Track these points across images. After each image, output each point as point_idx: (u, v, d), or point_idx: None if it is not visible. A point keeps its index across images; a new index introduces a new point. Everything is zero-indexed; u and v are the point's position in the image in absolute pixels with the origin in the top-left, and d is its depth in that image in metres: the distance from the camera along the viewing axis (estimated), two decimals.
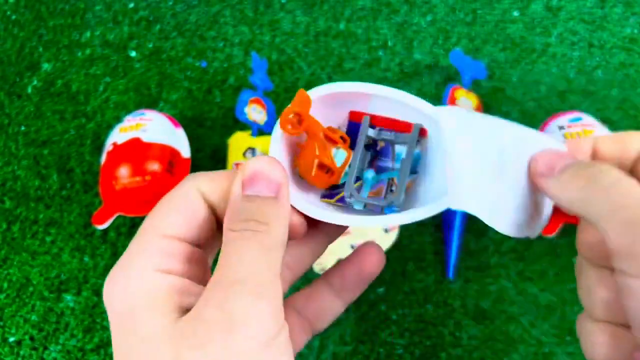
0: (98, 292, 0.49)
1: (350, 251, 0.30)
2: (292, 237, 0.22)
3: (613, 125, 0.53)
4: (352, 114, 0.28)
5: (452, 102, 0.51)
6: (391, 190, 0.27)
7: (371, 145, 0.28)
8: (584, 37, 0.59)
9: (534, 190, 0.24)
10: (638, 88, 0.55)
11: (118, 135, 0.49)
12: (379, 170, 0.28)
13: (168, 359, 0.17)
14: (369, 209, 0.27)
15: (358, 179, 0.27)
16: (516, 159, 0.24)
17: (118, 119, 0.57)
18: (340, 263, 0.27)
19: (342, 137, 0.27)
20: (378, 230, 0.46)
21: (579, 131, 0.46)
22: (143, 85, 0.59)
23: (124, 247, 0.53)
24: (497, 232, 0.52)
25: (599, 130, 0.46)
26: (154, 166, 0.47)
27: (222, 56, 0.61)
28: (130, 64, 0.61)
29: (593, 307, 0.22)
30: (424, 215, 0.25)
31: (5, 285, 0.50)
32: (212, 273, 0.20)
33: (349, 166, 0.27)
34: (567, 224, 0.48)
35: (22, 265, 0.51)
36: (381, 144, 0.28)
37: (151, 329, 0.18)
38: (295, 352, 0.22)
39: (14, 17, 0.65)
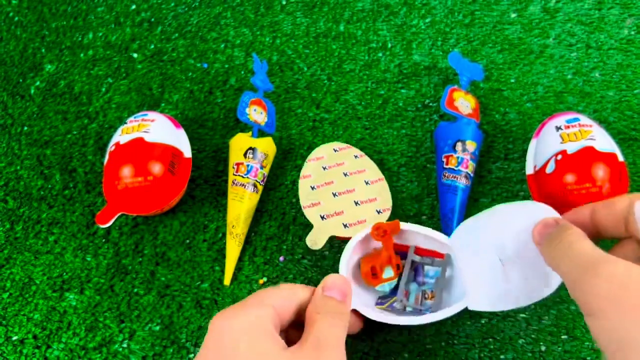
0: (100, 291, 0.50)
1: (342, 230, 0.45)
2: (350, 331, 0.34)
3: (610, 126, 0.53)
4: (400, 246, 0.46)
5: (451, 103, 0.51)
6: (424, 298, 0.44)
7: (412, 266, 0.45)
8: (581, 38, 0.59)
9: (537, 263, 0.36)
10: (635, 89, 0.56)
11: (120, 136, 0.50)
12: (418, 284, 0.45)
13: None
14: (411, 312, 0.43)
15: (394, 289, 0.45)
16: (522, 247, 0.37)
17: (120, 120, 0.58)
18: None
19: (397, 265, 0.44)
20: (371, 211, 0.47)
21: (576, 131, 0.46)
22: (145, 86, 0.60)
23: (126, 246, 0.54)
24: None
25: (595, 131, 0.46)
26: (156, 166, 0.48)
27: (223, 57, 0.61)
28: (132, 65, 0.61)
29: None
30: (450, 313, 0.40)
31: (9, 284, 0.51)
32: None
33: (400, 279, 0.44)
34: None
35: (25, 264, 0.52)
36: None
37: (267, 347, 0.29)
38: None
39: (16, 18, 0.66)
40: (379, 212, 0.47)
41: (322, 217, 0.46)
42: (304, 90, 0.58)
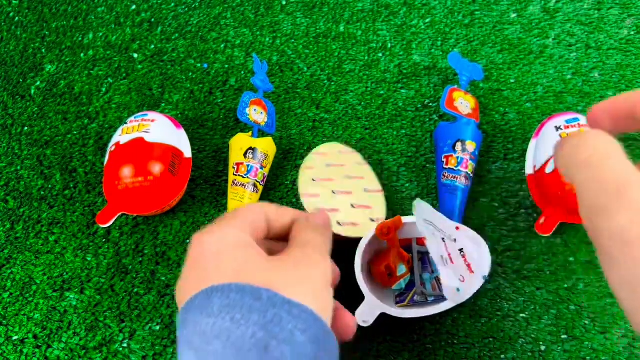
0: (101, 291, 0.50)
1: (337, 227, 0.47)
2: (345, 337, 0.33)
3: None
4: (402, 240, 0.47)
5: (450, 103, 0.51)
6: (440, 283, 0.45)
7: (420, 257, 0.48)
8: (581, 38, 0.59)
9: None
10: (634, 89, 0.56)
11: (121, 136, 0.50)
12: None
13: (261, 278, 0.26)
14: (434, 300, 0.45)
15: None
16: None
17: (120, 120, 0.58)
18: None
19: (408, 260, 0.46)
20: (364, 217, 0.48)
21: (576, 131, 0.47)
22: (145, 87, 0.60)
23: (127, 246, 0.54)
24: (494, 231, 0.52)
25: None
26: (156, 166, 0.48)
27: (223, 58, 0.61)
28: (133, 65, 0.61)
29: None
30: (474, 289, 0.42)
31: (9, 284, 0.51)
32: None
33: (412, 273, 0.46)
34: (562, 224, 0.49)
35: (26, 264, 0.52)
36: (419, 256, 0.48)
37: (251, 256, 0.28)
38: None
39: (17, 18, 0.66)
40: (372, 220, 0.47)
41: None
42: (304, 90, 0.59)
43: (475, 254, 0.42)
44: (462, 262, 0.42)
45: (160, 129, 0.50)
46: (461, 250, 0.42)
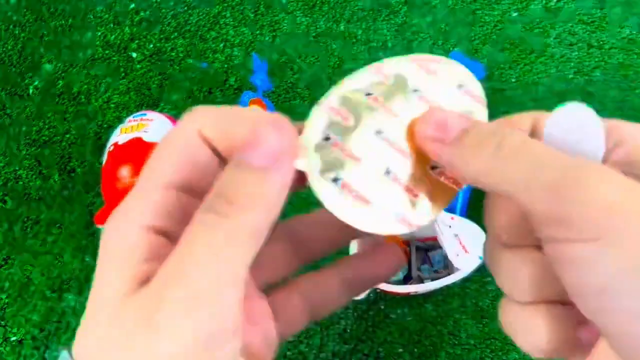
0: None
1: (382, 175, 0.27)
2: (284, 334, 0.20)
3: None
4: None
5: None
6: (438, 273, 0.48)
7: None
8: (582, 37, 0.59)
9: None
10: (637, 89, 0.56)
11: (119, 136, 0.50)
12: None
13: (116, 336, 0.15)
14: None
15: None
16: None
17: (119, 120, 0.58)
18: (356, 257, 0.25)
19: (404, 250, 0.48)
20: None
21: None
22: (144, 86, 0.60)
23: None
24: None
25: None
26: None
27: (223, 57, 0.61)
28: (131, 64, 0.61)
29: (521, 289, 0.19)
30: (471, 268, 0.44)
31: (7, 285, 0.50)
32: None
33: (409, 267, 0.48)
34: None
35: (24, 265, 0.51)
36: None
37: (107, 293, 0.16)
38: (292, 332, 0.21)
39: (15, 17, 0.65)
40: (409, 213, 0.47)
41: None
42: (304, 90, 0.58)
43: (469, 237, 0.44)
44: (456, 243, 0.44)
45: (159, 129, 0.50)
46: (456, 235, 0.44)
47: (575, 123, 0.18)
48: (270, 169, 0.16)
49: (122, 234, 0.17)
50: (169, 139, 0.18)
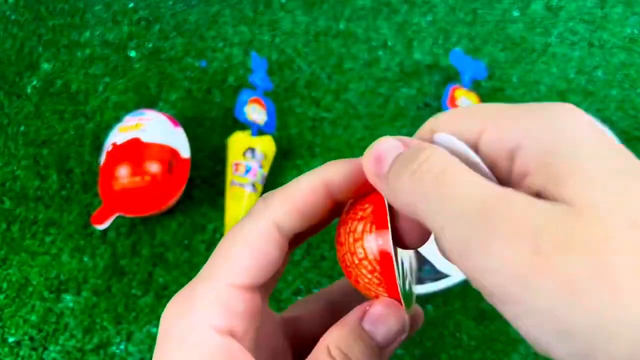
0: (98, 292, 0.49)
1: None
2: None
3: (613, 125, 0.53)
4: None
5: (452, 101, 0.50)
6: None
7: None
8: (584, 37, 0.59)
9: None
10: (638, 88, 0.55)
11: (118, 135, 0.49)
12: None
13: None
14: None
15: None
16: None
17: (117, 119, 0.57)
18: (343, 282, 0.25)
19: None
20: None
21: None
22: (142, 85, 0.59)
23: (124, 247, 0.53)
24: None
25: None
26: (154, 166, 0.47)
27: (222, 56, 0.60)
28: (130, 63, 0.61)
29: None
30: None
31: (5, 285, 0.50)
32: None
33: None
34: None
35: (22, 265, 0.51)
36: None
37: None
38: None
39: (13, 17, 0.65)
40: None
41: None
42: (303, 89, 0.58)
43: None
44: None
45: (158, 128, 0.50)
46: None
47: (455, 150, 0.17)
48: (383, 350, 0.19)
49: (195, 333, 0.18)
50: (244, 231, 0.19)
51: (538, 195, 0.15)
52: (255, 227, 0.19)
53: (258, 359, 0.18)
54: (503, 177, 0.16)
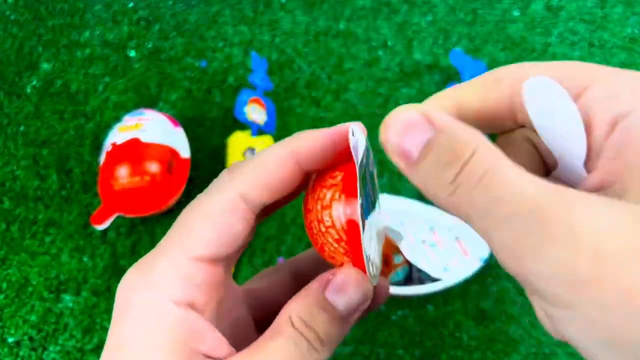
0: (97, 293, 0.49)
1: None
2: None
3: None
4: None
5: None
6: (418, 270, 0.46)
7: None
8: (584, 37, 0.59)
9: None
10: None
11: (117, 135, 0.49)
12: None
13: None
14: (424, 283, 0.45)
15: None
16: None
17: (117, 119, 0.57)
18: (310, 254, 0.25)
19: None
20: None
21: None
22: (142, 85, 0.59)
23: (124, 247, 0.53)
24: None
25: None
26: (153, 166, 0.47)
27: (222, 56, 0.60)
28: (130, 63, 0.61)
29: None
30: (458, 278, 0.44)
31: (5, 285, 0.50)
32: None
33: (410, 265, 0.45)
34: None
35: (22, 265, 0.51)
36: None
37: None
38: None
39: (13, 16, 0.65)
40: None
41: None
42: (303, 89, 0.58)
43: (471, 238, 0.43)
44: (456, 247, 0.43)
45: (158, 128, 0.50)
46: (457, 238, 0.43)
47: (550, 97, 0.15)
48: (348, 321, 0.18)
49: (154, 308, 0.17)
50: (206, 203, 0.18)
51: (607, 182, 0.13)
52: (219, 199, 0.18)
53: (220, 330, 0.18)
54: (593, 144, 0.15)
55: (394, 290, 0.43)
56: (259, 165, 0.19)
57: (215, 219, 0.18)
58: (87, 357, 0.46)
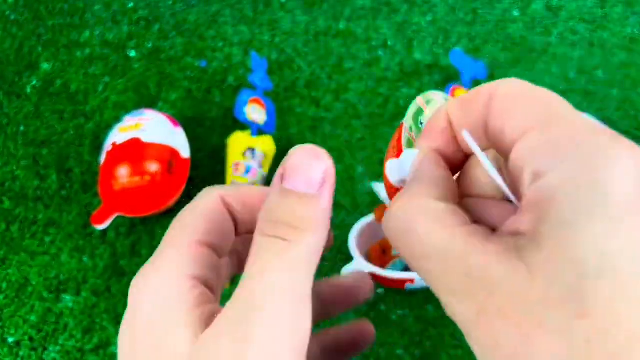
0: (97, 293, 0.49)
1: None
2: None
3: (614, 125, 0.53)
4: None
5: None
6: None
7: None
8: (584, 36, 0.59)
9: None
10: (638, 88, 0.55)
11: (117, 135, 0.49)
12: None
13: None
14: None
15: None
16: None
17: (117, 119, 0.57)
18: (336, 327, 0.25)
19: None
20: None
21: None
22: (142, 85, 0.59)
23: (123, 247, 0.53)
24: None
25: None
26: (153, 166, 0.47)
27: (222, 56, 0.60)
28: (130, 63, 0.61)
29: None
30: None
31: (5, 285, 0.50)
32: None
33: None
34: None
35: (21, 265, 0.51)
36: None
37: (174, 342, 0.17)
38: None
39: (13, 16, 0.65)
40: None
41: None
42: (303, 89, 0.58)
43: None
44: None
45: (158, 128, 0.50)
46: None
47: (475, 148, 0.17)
48: (316, 196, 0.17)
49: (169, 284, 0.18)
50: (196, 202, 0.20)
51: (524, 230, 0.14)
52: (204, 197, 0.20)
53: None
54: (523, 190, 0.15)
55: (394, 274, 0.43)
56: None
57: (204, 214, 0.20)
58: (87, 357, 0.46)
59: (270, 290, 0.16)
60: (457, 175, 0.18)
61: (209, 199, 0.20)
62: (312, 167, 0.17)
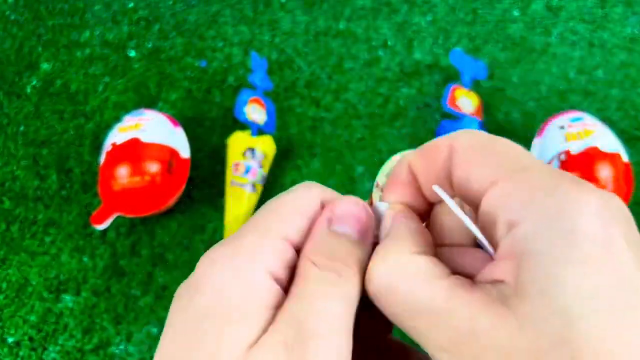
0: (97, 293, 0.49)
1: None
2: None
3: (614, 125, 0.53)
4: None
5: (452, 101, 0.50)
6: None
7: None
8: (584, 36, 0.59)
9: None
10: (638, 88, 0.55)
11: (117, 135, 0.49)
12: None
13: None
14: None
15: None
16: None
17: (117, 119, 0.57)
18: None
19: None
20: None
21: (580, 131, 0.46)
22: (142, 85, 0.59)
23: (123, 247, 0.53)
24: None
25: (599, 129, 0.46)
26: (153, 166, 0.47)
27: (222, 56, 0.60)
28: (130, 63, 0.61)
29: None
30: None
31: (4, 285, 0.50)
32: None
33: None
34: None
35: (21, 265, 0.51)
36: None
37: (236, 337, 0.16)
38: None
39: (13, 16, 0.65)
40: None
41: None
42: (303, 89, 0.58)
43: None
44: None
45: (158, 128, 0.50)
46: None
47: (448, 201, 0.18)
48: (363, 242, 0.18)
49: (250, 279, 0.17)
50: (296, 195, 0.19)
51: (502, 278, 0.15)
52: (304, 194, 0.19)
53: None
54: (498, 240, 0.16)
55: None
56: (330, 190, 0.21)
57: (301, 210, 0.19)
58: (87, 357, 0.46)
59: (324, 318, 0.16)
60: (423, 225, 0.19)
61: (310, 198, 0.19)
62: (364, 216, 0.19)
